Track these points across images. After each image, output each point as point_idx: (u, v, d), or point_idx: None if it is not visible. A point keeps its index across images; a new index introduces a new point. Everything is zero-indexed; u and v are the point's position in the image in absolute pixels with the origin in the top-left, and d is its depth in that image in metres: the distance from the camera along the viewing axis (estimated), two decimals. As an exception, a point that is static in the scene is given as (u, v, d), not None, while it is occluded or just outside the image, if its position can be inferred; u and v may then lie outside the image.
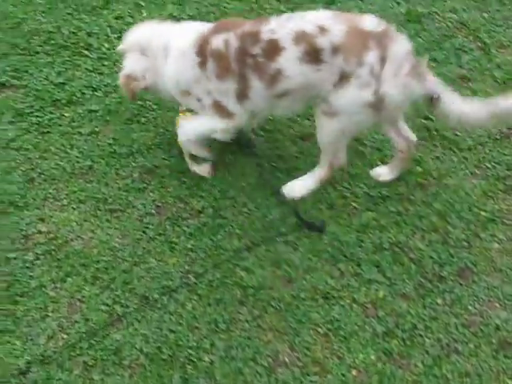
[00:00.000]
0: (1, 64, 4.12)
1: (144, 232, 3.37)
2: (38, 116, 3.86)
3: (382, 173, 3.58)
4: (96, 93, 3.99)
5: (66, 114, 3.88)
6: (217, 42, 3.16)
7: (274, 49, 3.06)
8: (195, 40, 3.22)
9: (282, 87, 3.15)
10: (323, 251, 3.34)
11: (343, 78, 3.07)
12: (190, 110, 3.43)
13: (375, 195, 3.56)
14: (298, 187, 3.50)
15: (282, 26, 3.09)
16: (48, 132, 3.78)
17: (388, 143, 3.67)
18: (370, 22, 3.08)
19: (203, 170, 3.52)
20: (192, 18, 4.32)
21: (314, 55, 3.04)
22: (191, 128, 3.42)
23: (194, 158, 3.52)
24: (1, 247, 3.31)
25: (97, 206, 3.47)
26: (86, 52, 4.23)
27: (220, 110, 3.29)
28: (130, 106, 3.85)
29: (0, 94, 3.99)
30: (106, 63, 4.13)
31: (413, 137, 3.50)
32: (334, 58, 3.04)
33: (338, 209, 3.51)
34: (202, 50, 3.19)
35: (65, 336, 3.03)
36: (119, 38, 3.94)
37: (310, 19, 3.10)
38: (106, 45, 4.19)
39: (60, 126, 3.82)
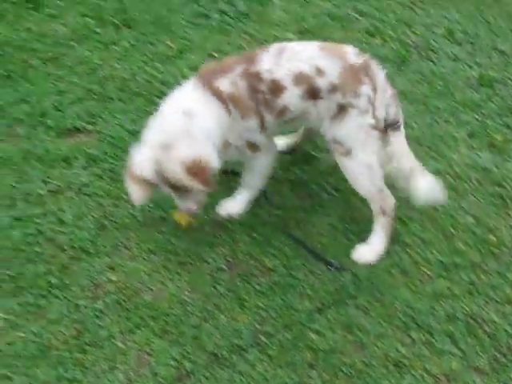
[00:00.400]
0: (75, 108, 4.16)
1: (214, 287, 3.34)
2: (111, 163, 3.87)
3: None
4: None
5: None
6: (225, 86, 3.22)
7: (277, 87, 3.24)
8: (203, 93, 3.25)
9: (289, 117, 3.35)
10: (394, 317, 3.28)
11: (342, 109, 3.29)
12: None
13: (448, 262, 3.51)
14: (367, 252, 3.47)
15: (278, 65, 3.24)
16: (121, 180, 3.78)
17: (461, 210, 3.61)
18: (354, 56, 3.31)
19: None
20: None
21: (313, 94, 3.27)
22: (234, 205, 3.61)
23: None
24: (71, 294, 3.30)
25: (167, 257, 3.45)
26: (159, 100, 4.22)
27: (252, 147, 3.41)
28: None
29: (74, 139, 4.01)
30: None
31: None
32: (332, 95, 3.27)
33: (411, 275, 3.45)
34: (220, 97, 3.23)
35: (132, 390, 3.00)
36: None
37: (303, 58, 3.26)
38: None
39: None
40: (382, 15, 5.02)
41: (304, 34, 4.83)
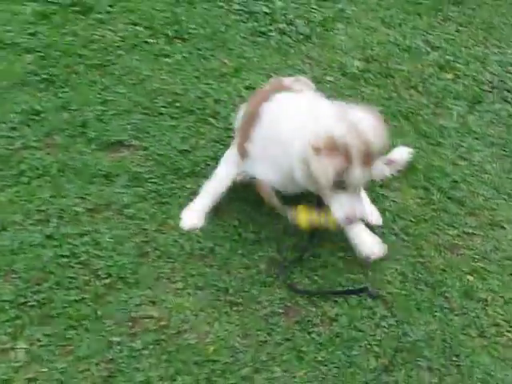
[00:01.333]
0: (120, 121, 3.79)
1: (269, 334, 2.92)
2: (157, 183, 3.48)
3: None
4: (220, 165, 3.60)
5: (187, 186, 3.49)
6: None
7: None
8: None
9: None
10: (473, 386, 2.83)
11: None
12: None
13: (534, 327, 3.05)
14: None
15: None
16: (167, 202, 3.40)
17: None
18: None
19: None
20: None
21: None
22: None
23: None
24: (104, 328, 2.88)
25: (216, 295, 3.04)
26: (211, 120, 3.88)
27: None
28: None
29: (117, 154, 3.63)
30: (232, 135, 3.76)
31: None
32: None
33: (491, 338, 3.01)
34: None
35: None
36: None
37: None
38: (234, 115, 3.80)
39: (180, 197, 3.43)
40: (455, 49, 4.63)
41: (370, 62, 4.45)
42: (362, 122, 2.84)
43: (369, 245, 3.16)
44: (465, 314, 3.09)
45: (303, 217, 3.13)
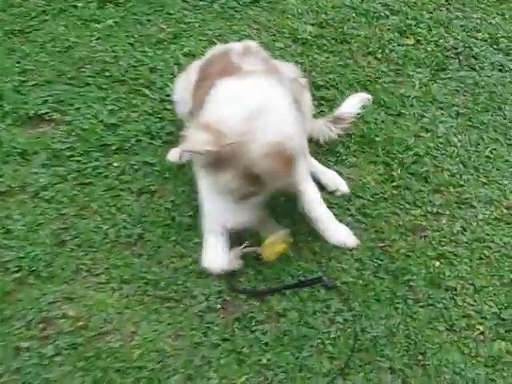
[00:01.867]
0: (42, 93, 3.33)
1: (205, 334, 2.51)
2: (79, 161, 3.04)
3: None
4: (154, 142, 3.16)
5: (115, 164, 3.06)
6: None
7: None
8: None
9: None
10: (441, 387, 2.44)
11: None
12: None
13: (509, 318, 2.67)
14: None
15: None
16: (90, 183, 2.95)
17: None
18: None
19: None
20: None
21: None
22: None
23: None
24: (12, 331, 2.44)
25: (145, 289, 2.62)
26: (146, 91, 3.43)
27: None
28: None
29: (36, 130, 3.18)
30: (168, 107, 3.31)
31: None
32: None
33: (461, 332, 2.63)
34: None
35: None
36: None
37: None
38: (171, 85, 3.35)
39: (106, 177, 2.99)
40: (416, 13, 4.22)
41: (324, 28, 4.02)
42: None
43: (341, 235, 2.73)
44: (431, 306, 2.71)
45: (271, 252, 2.68)
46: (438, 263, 2.85)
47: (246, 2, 4.16)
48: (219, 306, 2.60)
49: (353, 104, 3.36)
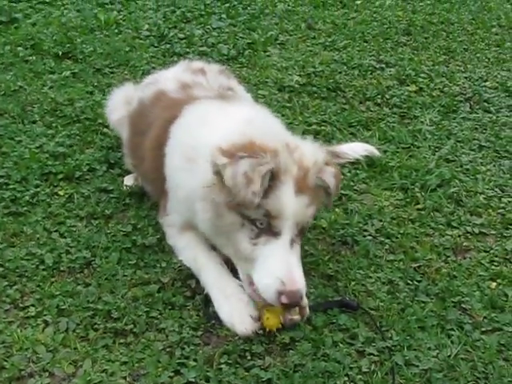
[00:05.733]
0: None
1: (177, 373, 1.68)
2: (14, 189, 2.34)
3: None
4: (112, 170, 2.55)
5: (59, 192, 2.45)
6: None
7: None
8: None
9: None
10: None
11: None
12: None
13: None
14: None
15: None
16: (27, 211, 2.24)
17: None
18: None
19: None
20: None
21: None
22: None
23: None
24: None
25: (90, 322, 1.84)
26: (105, 129, 2.90)
27: None
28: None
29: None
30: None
31: None
32: None
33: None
34: None
35: None
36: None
37: None
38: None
39: (48, 205, 2.33)
40: (415, 66, 3.76)
41: (312, 79, 3.53)
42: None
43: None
44: (499, 331, 1.91)
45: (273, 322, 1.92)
46: (494, 284, 2.10)
47: (223, 59, 3.68)
48: (197, 340, 1.80)
49: (356, 149, 2.85)
